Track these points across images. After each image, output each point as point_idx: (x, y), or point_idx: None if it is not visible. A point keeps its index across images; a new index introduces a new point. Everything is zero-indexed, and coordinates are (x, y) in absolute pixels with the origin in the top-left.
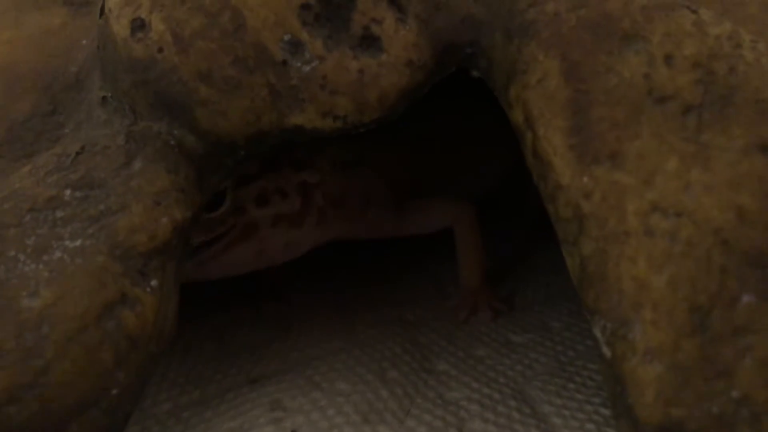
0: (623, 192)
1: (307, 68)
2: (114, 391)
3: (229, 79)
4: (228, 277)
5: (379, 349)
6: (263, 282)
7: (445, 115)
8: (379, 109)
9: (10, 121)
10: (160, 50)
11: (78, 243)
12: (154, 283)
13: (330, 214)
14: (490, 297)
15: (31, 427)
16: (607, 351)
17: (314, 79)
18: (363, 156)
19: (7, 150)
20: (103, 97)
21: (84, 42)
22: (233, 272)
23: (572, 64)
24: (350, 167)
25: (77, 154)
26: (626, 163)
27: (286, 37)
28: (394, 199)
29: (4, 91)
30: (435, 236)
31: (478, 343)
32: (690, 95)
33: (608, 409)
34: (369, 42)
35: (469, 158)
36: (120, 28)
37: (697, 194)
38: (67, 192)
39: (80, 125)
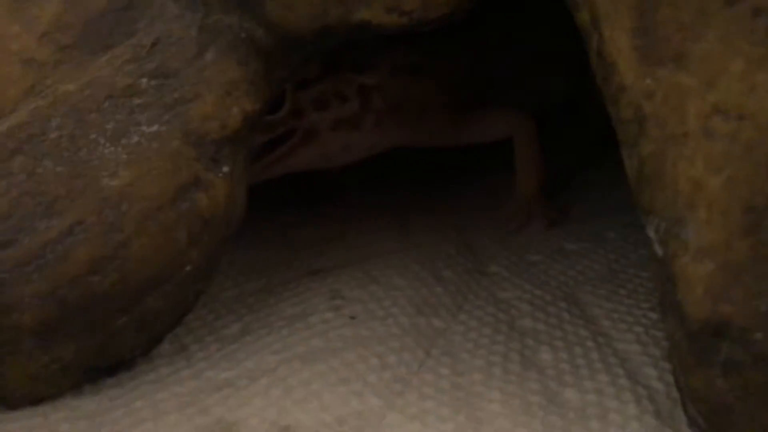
0: (685, 93)
1: None
2: (187, 268)
3: None
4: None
5: (433, 250)
6: (322, 183)
7: (509, 26)
8: (445, 5)
9: (86, 16)
10: None
11: (154, 128)
12: (225, 169)
13: (388, 118)
14: (546, 206)
15: (112, 296)
16: (659, 249)
17: None
18: (423, 62)
19: (83, 43)
20: None
21: None
22: (294, 171)
23: None
24: (410, 72)
25: (152, 45)
26: (690, 65)
27: None
28: (452, 107)
29: None
30: (491, 147)
31: (532, 249)
32: None
33: (656, 313)
34: None
35: (531, 70)
36: None
37: (761, 97)
38: (144, 80)
39: (154, 20)
